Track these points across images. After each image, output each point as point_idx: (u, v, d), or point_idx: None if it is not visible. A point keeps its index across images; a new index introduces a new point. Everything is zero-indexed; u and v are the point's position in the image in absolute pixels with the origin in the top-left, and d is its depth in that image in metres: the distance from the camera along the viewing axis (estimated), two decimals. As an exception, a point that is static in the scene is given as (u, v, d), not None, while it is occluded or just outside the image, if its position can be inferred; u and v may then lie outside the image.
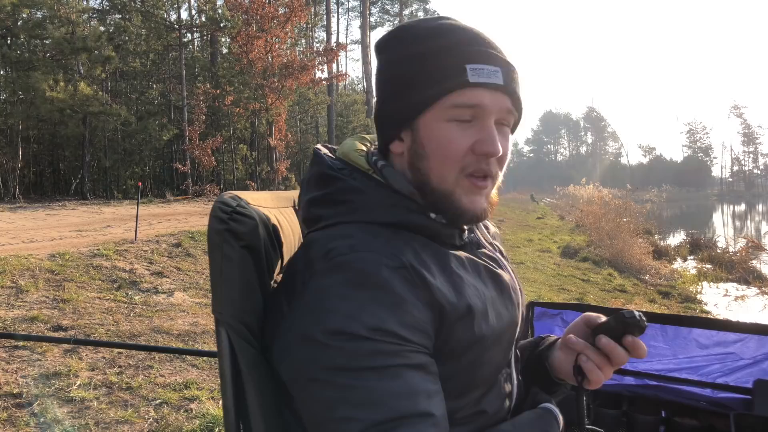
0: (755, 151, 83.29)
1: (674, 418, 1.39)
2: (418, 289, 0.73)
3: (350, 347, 0.68)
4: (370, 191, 0.82)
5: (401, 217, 0.81)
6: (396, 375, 0.68)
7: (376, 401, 0.66)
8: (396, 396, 0.67)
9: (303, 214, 0.88)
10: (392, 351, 0.68)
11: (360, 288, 0.71)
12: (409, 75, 0.82)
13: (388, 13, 47.79)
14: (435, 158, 0.81)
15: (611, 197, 15.70)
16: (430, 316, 0.73)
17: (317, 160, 0.88)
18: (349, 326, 0.68)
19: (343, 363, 0.68)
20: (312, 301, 0.72)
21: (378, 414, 0.66)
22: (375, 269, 0.72)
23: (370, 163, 0.86)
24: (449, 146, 0.80)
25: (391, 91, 0.84)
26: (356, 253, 0.74)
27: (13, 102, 18.22)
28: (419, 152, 0.82)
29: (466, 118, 0.80)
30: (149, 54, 21.96)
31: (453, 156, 0.80)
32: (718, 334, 1.46)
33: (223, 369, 0.78)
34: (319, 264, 0.74)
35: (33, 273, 5.14)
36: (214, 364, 3.42)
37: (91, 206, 14.24)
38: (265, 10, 19.76)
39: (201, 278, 6.02)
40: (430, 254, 0.79)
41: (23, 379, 3.00)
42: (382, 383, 0.67)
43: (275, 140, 21.15)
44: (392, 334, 0.69)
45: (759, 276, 9.40)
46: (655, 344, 1.52)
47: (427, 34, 0.83)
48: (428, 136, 0.81)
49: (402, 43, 0.84)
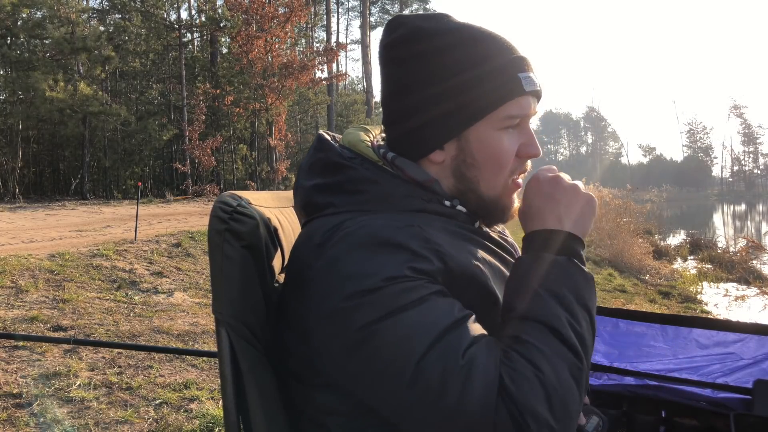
0: (755, 151, 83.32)
1: (674, 418, 1.39)
2: (428, 243, 0.73)
3: (378, 296, 0.68)
4: (384, 182, 0.81)
5: (418, 207, 0.81)
6: (428, 301, 0.69)
7: (420, 328, 0.67)
8: (437, 315, 0.68)
9: (304, 199, 0.85)
10: (415, 285, 0.69)
11: (369, 247, 0.71)
12: (460, 83, 0.79)
13: (388, 13, 47.76)
14: (487, 167, 0.82)
15: (611, 197, 15.69)
16: (441, 265, 0.73)
17: (323, 146, 0.86)
18: (370, 281, 0.69)
19: (380, 312, 0.68)
20: (326, 276, 0.72)
21: (427, 336, 0.67)
22: (381, 230, 0.73)
23: (379, 155, 0.85)
24: (503, 156, 0.81)
25: (436, 98, 0.80)
26: (360, 223, 0.74)
27: (13, 102, 18.25)
28: (468, 162, 0.82)
29: (515, 125, 0.82)
30: (149, 54, 21.98)
31: (506, 164, 0.82)
32: (718, 334, 1.46)
33: (223, 369, 0.78)
34: (327, 243, 0.74)
35: (33, 273, 5.14)
36: (214, 364, 3.42)
37: (90, 206, 14.25)
38: (265, 10, 19.77)
39: (201, 278, 6.02)
40: (441, 227, 0.79)
41: (23, 379, 3.00)
42: (420, 312, 0.68)
43: (275, 140, 21.16)
44: (410, 271, 0.70)
45: (759, 276, 9.40)
46: (655, 344, 1.52)
47: (465, 38, 0.80)
48: (480, 146, 0.81)
49: (444, 48, 0.80)
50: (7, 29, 17.14)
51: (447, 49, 0.80)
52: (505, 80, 0.79)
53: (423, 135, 0.82)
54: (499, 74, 0.79)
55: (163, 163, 23.01)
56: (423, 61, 0.81)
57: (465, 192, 0.83)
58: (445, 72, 0.80)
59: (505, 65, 0.80)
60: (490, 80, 0.79)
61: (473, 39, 0.80)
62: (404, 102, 0.83)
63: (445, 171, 0.83)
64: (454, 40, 0.80)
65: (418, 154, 0.83)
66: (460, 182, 0.83)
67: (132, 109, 20.64)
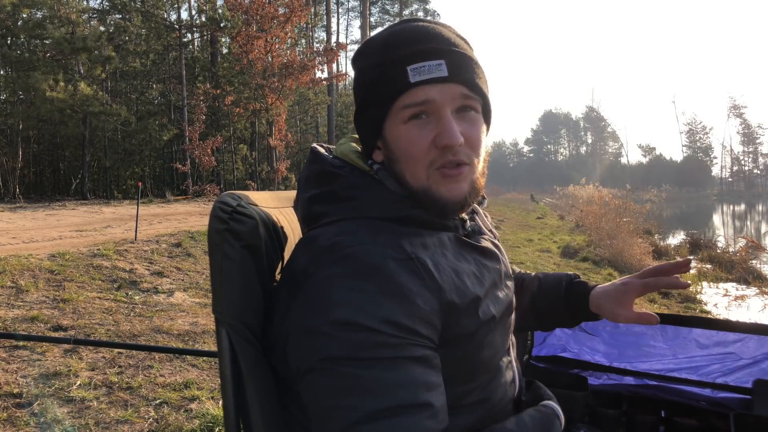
0: (755, 151, 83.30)
1: (674, 418, 1.39)
2: (425, 280, 0.74)
3: (356, 338, 0.69)
4: (373, 188, 0.84)
5: (406, 213, 0.82)
6: (398, 367, 0.69)
7: (377, 391, 0.68)
8: (397, 386, 0.68)
9: (303, 211, 0.88)
10: (397, 344, 0.70)
11: (367, 279, 0.71)
12: (367, 86, 0.86)
13: (388, 13, 47.80)
14: (404, 160, 0.83)
15: (611, 197, 15.68)
16: (437, 305, 0.74)
17: (317, 158, 0.90)
18: (356, 317, 0.69)
19: (349, 353, 0.68)
20: (317, 293, 0.73)
21: (379, 403, 0.67)
22: (381, 261, 0.73)
23: (368, 164, 0.88)
24: (411, 146, 0.82)
25: (359, 104, 0.88)
26: (362, 245, 0.74)
27: (13, 102, 18.25)
28: (392, 157, 0.85)
29: (420, 116, 0.82)
30: (149, 54, 21.97)
31: (417, 154, 0.82)
32: (718, 334, 1.46)
33: (223, 369, 0.78)
34: (324, 257, 0.75)
35: (33, 273, 5.14)
36: (214, 364, 3.42)
37: (91, 206, 14.25)
38: (265, 10, 19.77)
39: (201, 278, 6.02)
40: (434, 246, 0.80)
41: (23, 379, 3.00)
42: (384, 374, 0.68)
43: (275, 140, 21.16)
44: (398, 325, 0.70)
45: (759, 276, 9.39)
46: (655, 344, 1.52)
47: (379, 43, 0.86)
48: (394, 140, 0.84)
49: (361, 56, 0.89)
50: (7, 29, 17.14)
51: (362, 60, 0.88)
52: (394, 75, 0.82)
53: (362, 138, 0.89)
54: (389, 70, 0.83)
55: (163, 163, 23.02)
56: (354, 78, 0.91)
57: (403, 187, 0.85)
58: (363, 80, 0.87)
59: (396, 62, 0.82)
60: (384, 79, 0.83)
61: (379, 44, 0.86)
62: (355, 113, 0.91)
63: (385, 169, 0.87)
64: (368, 50, 0.88)
65: (366, 156, 0.89)
66: (395, 178, 0.85)
67: (132, 109, 20.64)
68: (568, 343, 1.63)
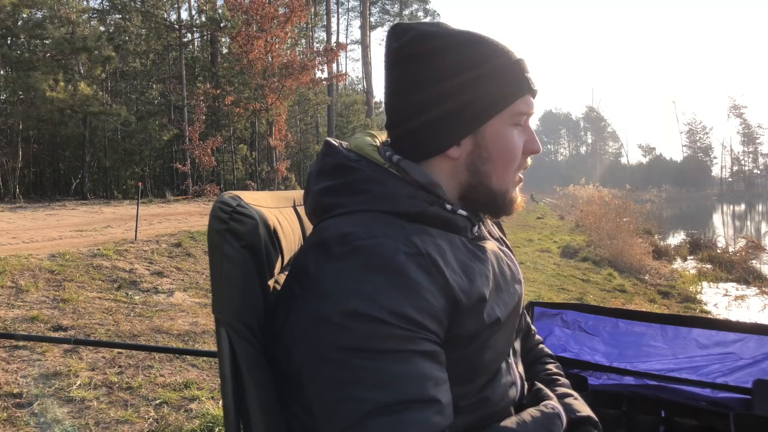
0: (755, 151, 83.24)
1: (674, 418, 1.39)
2: (434, 276, 0.74)
3: (366, 329, 0.69)
4: (389, 182, 0.83)
5: (420, 209, 0.82)
6: (407, 360, 0.69)
7: (386, 384, 0.67)
8: (406, 380, 0.68)
9: (313, 204, 0.87)
10: (406, 336, 0.70)
11: (378, 272, 0.71)
12: (475, 77, 0.83)
13: (388, 13, 47.80)
14: (500, 161, 0.86)
15: (611, 197, 15.68)
16: (444, 303, 0.74)
17: (331, 151, 0.88)
18: (366, 308, 0.69)
19: (358, 344, 0.68)
20: (328, 283, 0.72)
21: (387, 396, 0.67)
22: (393, 254, 0.73)
23: (384, 157, 0.87)
24: (514, 150, 0.86)
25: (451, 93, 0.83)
26: (374, 238, 0.74)
27: (13, 102, 18.24)
28: (483, 156, 0.86)
29: (522, 122, 0.87)
30: (149, 54, 21.95)
31: (516, 158, 0.87)
32: (717, 334, 1.46)
33: (223, 369, 0.78)
34: (336, 248, 0.75)
35: (33, 273, 5.14)
36: (214, 364, 3.42)
37: (91, 206, 14.25)
38: (265, 10, 19.77)
39: (201, 278, 6.02)
40: (444, 243, 0.80)
41: (23, 379, 3.00)
42: (393, 367, 0.68)
43: (275, 140, 21.16)
44: (407, 318, 0.70)
45: (759, 276, 9.40)
46: (655, 344, 1.52)
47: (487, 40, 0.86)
48: (494, 140, 0.85)
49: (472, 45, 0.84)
50: (7, 29, 17.12)
51: (459, 47, 0.83)
52: (516, 78, 0.85)
53: (440, 130, 0.84)
54: (510, 72, 0.85)
55: (163, 163, 23.00)
56: (438, 57, 0.83)
57: (476, 186, 0.86)
58: (460, 66, 0.82)
59: (513, 64, 0.85)
60: (504, 77, 0.84)
61: (479, 39, 0.85)
62: (416, 98, 0.84)
63: (458, 166, 0.86)
64: (464, 39, 0.84)
65: (433, 150, 0.86)
66: (474, 177, 0.86)
67: (132, 109, 20.60)
68: (568, 343, 1.63)
